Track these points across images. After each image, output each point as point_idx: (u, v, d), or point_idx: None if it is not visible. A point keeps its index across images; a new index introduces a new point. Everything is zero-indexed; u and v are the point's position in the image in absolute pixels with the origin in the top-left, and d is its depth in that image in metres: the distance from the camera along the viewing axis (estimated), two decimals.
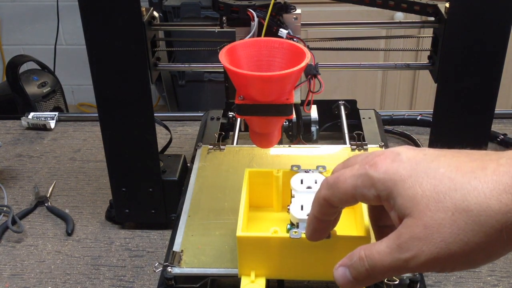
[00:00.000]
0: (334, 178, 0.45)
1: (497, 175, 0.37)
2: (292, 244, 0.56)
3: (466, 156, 0.40)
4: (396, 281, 0.60)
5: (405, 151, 0.42)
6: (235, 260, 0.61)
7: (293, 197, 0.60)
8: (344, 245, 0.56)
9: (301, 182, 0.61)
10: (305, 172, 0.63)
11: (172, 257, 0.64)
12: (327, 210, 0.46)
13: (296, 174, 0.63)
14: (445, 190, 0.38)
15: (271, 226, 0.58)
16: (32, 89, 1.98)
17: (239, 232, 0.57)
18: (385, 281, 0.60)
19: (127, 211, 0.88)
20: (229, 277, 0.63)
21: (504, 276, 0.79)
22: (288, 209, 0.59)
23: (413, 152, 0.42)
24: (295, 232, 0.55)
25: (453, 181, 0.38)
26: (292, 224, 0.59)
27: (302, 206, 0.58)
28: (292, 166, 0.64)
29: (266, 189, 0.67)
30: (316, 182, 0.61)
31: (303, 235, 0.55)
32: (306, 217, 0.55)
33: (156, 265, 0.64)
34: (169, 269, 0.63)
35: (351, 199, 0.44)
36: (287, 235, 0.56)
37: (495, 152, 0.40)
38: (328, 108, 1.02)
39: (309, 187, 0.61)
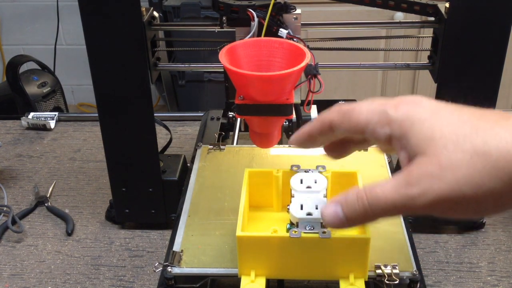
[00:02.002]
0: (349, 106, 0.44)
1: None
2: (292, 244, 0.56)
3: (489, 110, 0.40)
4: (396, 281, 0.60)
5: (427, 99, 0.42)
6: (235, 260, 0.61)
7: (293, 196, 0.60)
8: (344, 246, 0.56)
9: (301, 182, 0.61)
10: (305, 172, 0.63)
11: (172, 257, 0.64)
12: (325, 131, 0.46)
13: (295, 174, 0.63)
14: (466, 133, 0.38)
15: (271, 226, 0.58)
16: (32, 89, 1.98)
17: (239, 232, 0.57)
18: (385, 281, 0.60)
19: (127, 211, 0.88)
20: (229, 277, 0.63)
21: (504, 276, 0.79)
22: (288, 208, 0.59)
23: (435, 102, 0.42)
24: (295, 231, 0.55)
25: (475, 127, 0.38)
26: (291, 224, 0.59)
27: (301, 206, 0.58)
28: (292, 166, 0.64)
29: (266, 189, 0.67)
30: (316, 182, 0.61)
31: (303, 235, 0.55)
32: (306, 217, 0.56)
33: (156, 265, 0.64)
34: (169, 269, 0.63)
35: (359, 132, 0.44)
36: (287, 234, 0.56)
37: None
38: (328, 108, 1.02)
39: (308, 187, 0.61)
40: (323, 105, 0.99)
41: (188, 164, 0.88)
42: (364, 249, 0.57)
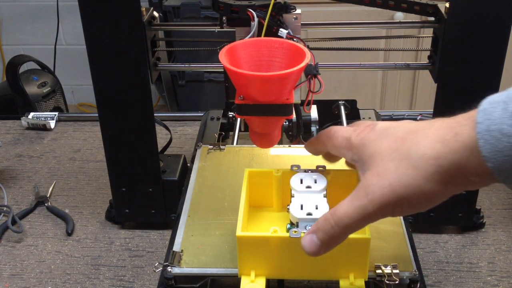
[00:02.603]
0: (334, 131, 0.55)
1: (437, 130, 0.44)
2: (292, 244, 0.56)
3: (425, 121, 0.48)
4: (396, 281, 0.60)
5: (382, 122, 0.51)
6: (235, 260, 0.61)
7: (293, 196, 0.60)
8: (344, 246, 0.56)
9: (301, 182, 0.61)
10: (305, 172, 0.63)
11: (172, 257, 0.64)
12: (322, 149, 0.58)
13: (295, 174, 0.63)
14: (396, 147, 0.46)
15: (271, 226, 0.58)
16: (32, 89, 1.98)
17: (239, 232, 0.57)
18: (385, 281, 0.60)
19: (127, 211, 0.88)
20: (229, 277, 0.63)
21: (504, 276, 0.79)
22: (288, 208, 0.59)
23: (387, 123, 0.50)
24: (295, 231, 0.55)
25: (403, 140, 0.46)
26: (291, 224, 0.59)
27: (301, 206, 0.58)
28: (292, 166, 0.64)
29: (266, 189, 0.67)
30: (316, 182, 0.61)
31: (303, 234, 0.54)
32: (306, 217, 0.56)
33: (156, 265, 0.64)
34: (169, 269, 0.63)
35: (338, 153, 0.55)
36: (287, 234, 0.56)
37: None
38: (328, 108, 1.02)
39: (308, 187, 0.61)
40: (323, 105, 0.99)
41: (188, 164, 0.88)
42: (364, 249, 0.57)
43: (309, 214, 0.57)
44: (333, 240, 0.49)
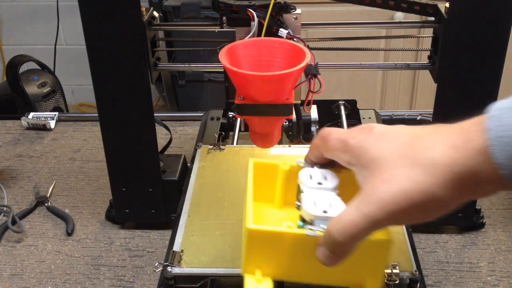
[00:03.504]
0: (327, 133, 0.52)
1: (446, 135, 0.44)
2: (307, 242, 0.51)
3: (426, 126, 0.46)
4: (396, 281, 0.60)
5: (379, 126, 0.49)
6: (235, 260, 0.61)
7: (302, 192, 0.55)
8: (363, 249, 0.51)
9: (310, 178, 0.57)
10: (313, 167, 0.58)
11: (172, 257, 0.64)
12: (318, 155, 0.54)
13: (303, 169, 0.58)
14: (404, 152, 0.45)
15: (275, 223, 0.53)
16: (32, 89, 1.98)
17: (250, 224, 0.51)
18: (385, 280, 0.60)
19: (127, 211, 0.88)
20: (229, 277, 0.63)
21: (504, 276, 0.79)
22: (298, 205, 0.55)
23: (388, 128, 0.48)
24: (311, 229, 0.51)
25: (410, 145, 0.45)
26: (304, 221, 0.53)
27: (315, 202, 0.53)
28: (298, 160, 0.59)
29: (269, 183, 0.62)
30: (326, 179, 0.56)
31: (320, 233, 0.50)
32: (322, 214, 0.52)
33: (156, 265, 0.64)
34: (169, 269, 0.63)
35: (332, 156, 0.52)
36: (303, 231, 0.51)
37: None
38: (328, 108, 1.02)
39: (319, 183, 0.56)
40: (323, 105, 0.99)
41: (188, 164, 0.88)
42: (384, 252, 0.53)
43: (325, 211, 0.52)
44: (343, 249, 0.47)
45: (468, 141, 0.42)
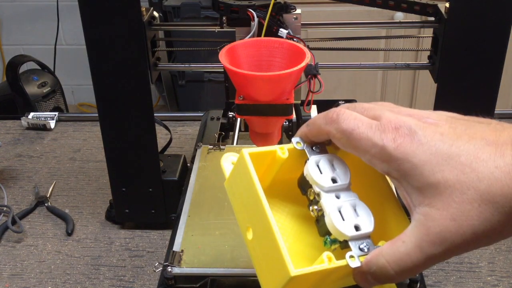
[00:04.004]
0: (351, 128, 0.43)
1: (504, 158, 0.38)
2: (347, 271, 0.43)
3: (481, 138, 0.40)
4: None
5: (421, 129, 0.40)
6: (235, 260, 0.61)
7: (318, 195, 0.46)
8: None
9: (321, 172, 0.46)
10: (313, 150, 0.49)
11: (172, 257, 0.64)
12: (322, 137, 0.47)
13: (310, 159, 0.47)
14: (469, 182, 0.38)
15: (290, 228, 0.48)
16: (32, 89, 1.98)
17: (293, 270, 0.41)
18: None
19: (127, 211, 0.88)
20: (229, 277, 0.63)
21: (504, 276, 0.79)
22: (317, 212, 0.46)
23: (430, 132, 0.40)
24: (352, 257, 0.43)
25: (475, 172, 0.38)
26: (329, 236, 0.45)
27: (341, 215, 0.44)
28: (293, 140, 0.50)
29: (268, 173, 0.52)
30: (335, 169, 0.47)
31: (362, 259, 0.43)
32: (356, 233, 0.44)
33: (156, 265, 0.64)
34: (169, 269, 0.63)
35: (356, 154, 0.43)
36: (345, 262, 0.42)
37: (507, 126, 0.40)
38: (328, 108, 1.01)
39: (333, 180, 0.46)
40: (323, 105, 0.99)
41: (188, 164, 0.88)
42: None
43: (356, 227, 0.44)
44: (388, 280, 0.42)
45: None
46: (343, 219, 0.44)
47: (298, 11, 0.72)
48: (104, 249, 0.86)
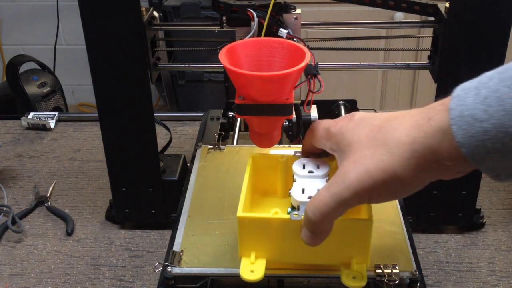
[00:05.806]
0: (316, 124, 0.57)
1: (412, 116, 0.45)
2: (293, 226, 0.56)
3: (399, 111, 0.48)
4: (396, 280, 0.60)
5: (359, 113, 0.52)
6: (235, 260, 0.61)
7: (295, 181, 0.60)
8: (345, 228, 0.56)
9: (303, 167, 0.62)
10: (308, 157, 0.63)
11: (172, 257, 0.64)
12: (311, 146, 0.59)
13: (298, 160, 0.63)
14: (373, 135, 0.47)
15: (271, 212, 0.59)
16: (32, 89, 1.98)
17: (240, 213, 0.57)
18: (385, 280, 0.60)
19: (127, 211, 0.88)
20: (229, 277, 0.63)
21: (504, 276, 0.79)
22: (290, 193, 0.59)
23: (364, 113, 0.52)
24: (296, 214, 0.55)
25: (380, 127, 0.47)
26: (293, 207, 0.59)
27: (303, 190, 0.58)
28: (295, 152, 0.64)
29: (271, 175, 0.68)
30: (318, 168, 0.61)
31: (303, 217, 0.55)
32: (307, 200, 0.56)
33: (156, 265, 0.64)
34: (169, 269, 0.63)
35: (319, 145, 0.56)
36: (287, 216, 0.56)
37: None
38: (328, 108, 1.02)
39: (311, 172, 0.61)
40: (323, 105, 0.99)
41: (188, 164, 0.88)
42: (366, 232, 0.57)
43: (310, 197, 0.57)
44: (319, 229, 0.50)
45: (431, 120, 0.43)
46: (303, 192, 0.57)
47: (298, 11, 0.72)
48: (104, 249, 0.86)
